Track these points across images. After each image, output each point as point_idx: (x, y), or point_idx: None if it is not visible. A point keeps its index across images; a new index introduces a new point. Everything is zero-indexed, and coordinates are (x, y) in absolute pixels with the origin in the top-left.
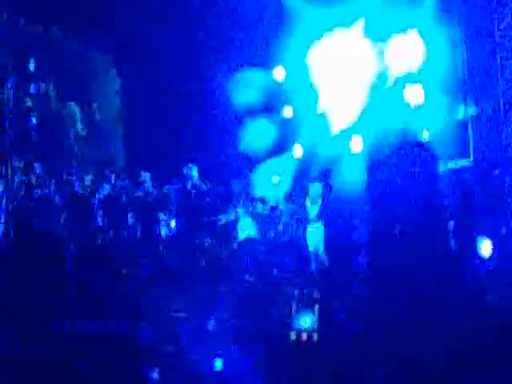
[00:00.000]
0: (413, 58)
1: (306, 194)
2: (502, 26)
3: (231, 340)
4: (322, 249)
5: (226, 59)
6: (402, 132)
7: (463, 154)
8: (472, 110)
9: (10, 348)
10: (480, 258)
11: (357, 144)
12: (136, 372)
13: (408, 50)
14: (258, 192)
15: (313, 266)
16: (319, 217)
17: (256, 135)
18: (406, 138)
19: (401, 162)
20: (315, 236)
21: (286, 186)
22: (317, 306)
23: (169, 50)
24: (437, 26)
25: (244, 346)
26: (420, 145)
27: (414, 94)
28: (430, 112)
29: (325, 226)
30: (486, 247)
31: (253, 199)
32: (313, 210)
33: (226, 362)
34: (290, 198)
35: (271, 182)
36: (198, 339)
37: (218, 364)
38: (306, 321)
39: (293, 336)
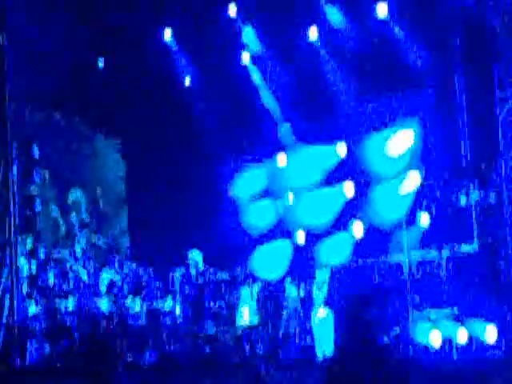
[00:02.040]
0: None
1: (313, 279)
2: (504, 112)
3: None
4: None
5: (230, 149)
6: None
7: (465, 239)
8: (475, 196)
9: None
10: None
11: (358, 229)
12: None
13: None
14: (259, 275)
15: (319, 354)
16: (326, 303)
17: (258, 219)
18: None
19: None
20: (323, 324)
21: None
22: None
23: (173, 136)
24: (438, 113)
25: None
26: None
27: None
28: (428, 196)
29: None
30: (491, 334)
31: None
32: (318, 295)
33: None
34: (294, 282)
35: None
36: None
37: None
38: None
39: None
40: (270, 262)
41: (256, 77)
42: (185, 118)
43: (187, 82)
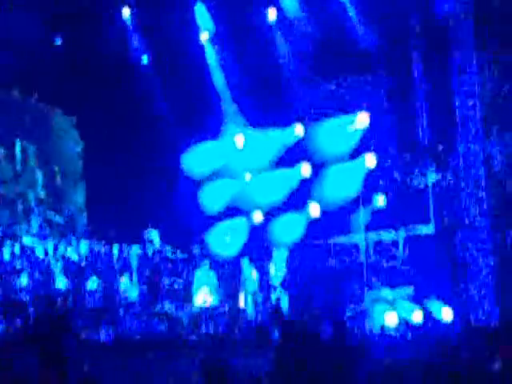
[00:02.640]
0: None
1: (270, 259)
2: (462, 91)
3: None
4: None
5: (189, 129)
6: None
7: (421, 220)
8: (432, 177)
9: None
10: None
11: (315, 210)
12: None
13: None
14: (215, 252)
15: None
16: (283, 285)
17: (214, 198)
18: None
19: None
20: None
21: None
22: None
23: (131, 114)
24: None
25: None
26: None
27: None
28: (385, 177)
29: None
30: (447, 313)
31: (214, 262)
32: (276, 275)
33: None
34: (251, 262)
35: (225, 242)
36: None
37: None
38: None
39: None
40: (226, 240)
41: (211, 57)
42: (142, 96)
43: (144, 60)
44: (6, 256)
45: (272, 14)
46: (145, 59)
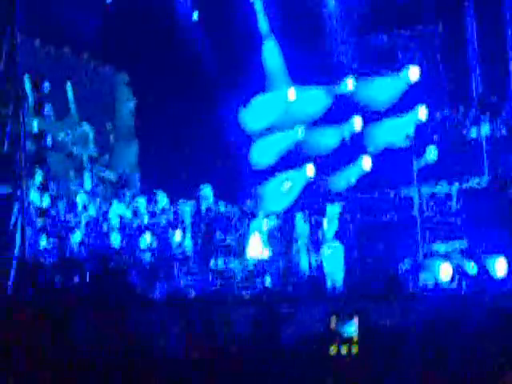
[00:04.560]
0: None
1: (323, 213)
2: None
3: None
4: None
5: (237, 86)
6: None
7: (475, 172)
8: (486, 129)
9: None
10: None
11: (367, 163)
12: None
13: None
14: (267, 207)
15: (329, 286)
16: (336, 237)
17: (267, 152)
18: None
19: None
20: (332, 256)
21: (294, 199)
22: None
23: (183, 70)
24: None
25: None
26: None
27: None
28: (438, 130)
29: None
30: (501, 267)
31: (267, 216)
32: (329, 229)
33: None
34: (305, 216)
35: (282, 192)
36: None
37: None
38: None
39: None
40: (279, 195)
41: (260, 14)
42: (192, 52)
43: (195, 16)
44: (61, 213)
45: None
46: (195, 15)
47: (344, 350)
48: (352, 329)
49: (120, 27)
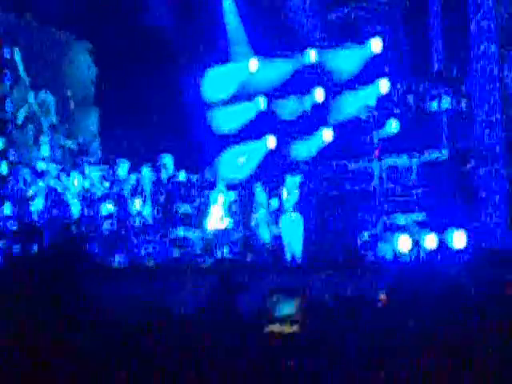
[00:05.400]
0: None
1: (283, 184)
2: (478, 17)
3: None
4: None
5: (199, 55)
6: None
7: (435, 146)
8: (446, 103)
9: None
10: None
11: (327, 135)
12: None
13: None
14: (226, 176)
15: (288, 257)
16: (295, 208)
17: (228, 122)
18: None
19: None
20: (291, 226)
21: (251, 170)
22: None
23: (144, 40)
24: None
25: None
26: None
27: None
28: (399, 103)
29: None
30: (459, 239)
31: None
32: (288, 200)
33: None
34: (264, 186)
35: (237, 165)
36: None
37: None
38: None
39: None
40: (239, 165)
41: None
42: (153, 22)
43: None
44: (21, 181)
45: None
46: None
47: (283, 329)
48: (289, 308)
49: None
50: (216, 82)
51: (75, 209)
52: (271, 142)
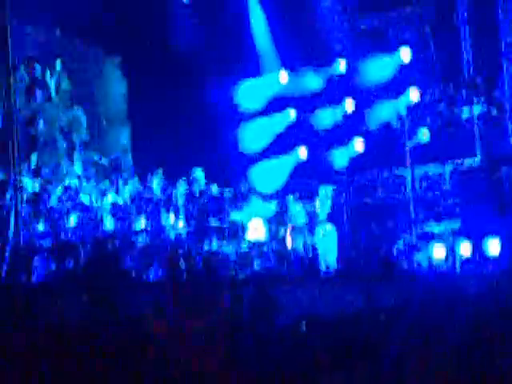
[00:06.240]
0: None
1: (316, 195)
2: (507, 21)
3: None
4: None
5: (232, 68)
6: None
7: (467, 153)
8: (478, 110)
9: None
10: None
11: (359, 145)
12: None
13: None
14: (259, 189)
15: (323, 267)
16: (329, 218)
17: (258, 136)
18: None
19: None
20: (325, 237)
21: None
22: None
23: (176, 54)
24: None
25: None
26: None
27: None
28: (430, 111)
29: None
30: (494, 246)
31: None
32: (322, 211)
33: None
34: (298, 198)
35: (274, 175)
36: None
37: None
38: None
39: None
40: (272, 177)
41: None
42: (183, 35)
43: None
44: (54, 198)
45: None
46: None
47: None
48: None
49: (112, 10)
50: (247, 95)
51: (109, 224)
52: (303, 152)
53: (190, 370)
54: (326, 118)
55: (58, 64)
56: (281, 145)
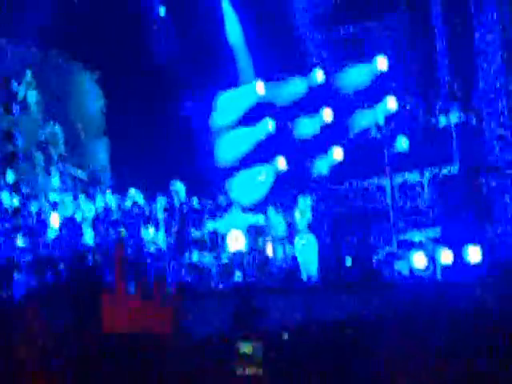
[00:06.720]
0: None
1: (295, 205)
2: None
3: None
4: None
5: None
6: None
7: (445, 161)
8: (455, 117)
9: None
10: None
11: (338, 154)
12: None
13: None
14: (239, 200)
15: (304, 277)
16: (309, 228)
17: (236, 148)
18: None
19: None
20: (306, 247)
21: (262, 194)
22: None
23: (152, 67)
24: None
25: None
26: None
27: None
28: (407, 119)
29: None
30: (474, 254)
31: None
32: (302, 221)
33: None
34: (278, 209)
35: (253, 186)
36: None
37: None
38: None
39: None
40: (251, 188)
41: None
42: (160, 49)
43: (162, 12)
44: (33, 212)
45: None
46: (162, 11)
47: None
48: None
49: (87, 24)
50: (225, 107)
51: (89, 238)
52: (282, 163)
53: None
54: (304, 127)
55: (28, 75)
56: (259, 155)
